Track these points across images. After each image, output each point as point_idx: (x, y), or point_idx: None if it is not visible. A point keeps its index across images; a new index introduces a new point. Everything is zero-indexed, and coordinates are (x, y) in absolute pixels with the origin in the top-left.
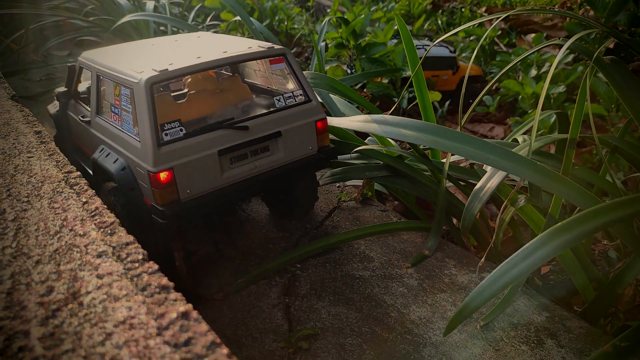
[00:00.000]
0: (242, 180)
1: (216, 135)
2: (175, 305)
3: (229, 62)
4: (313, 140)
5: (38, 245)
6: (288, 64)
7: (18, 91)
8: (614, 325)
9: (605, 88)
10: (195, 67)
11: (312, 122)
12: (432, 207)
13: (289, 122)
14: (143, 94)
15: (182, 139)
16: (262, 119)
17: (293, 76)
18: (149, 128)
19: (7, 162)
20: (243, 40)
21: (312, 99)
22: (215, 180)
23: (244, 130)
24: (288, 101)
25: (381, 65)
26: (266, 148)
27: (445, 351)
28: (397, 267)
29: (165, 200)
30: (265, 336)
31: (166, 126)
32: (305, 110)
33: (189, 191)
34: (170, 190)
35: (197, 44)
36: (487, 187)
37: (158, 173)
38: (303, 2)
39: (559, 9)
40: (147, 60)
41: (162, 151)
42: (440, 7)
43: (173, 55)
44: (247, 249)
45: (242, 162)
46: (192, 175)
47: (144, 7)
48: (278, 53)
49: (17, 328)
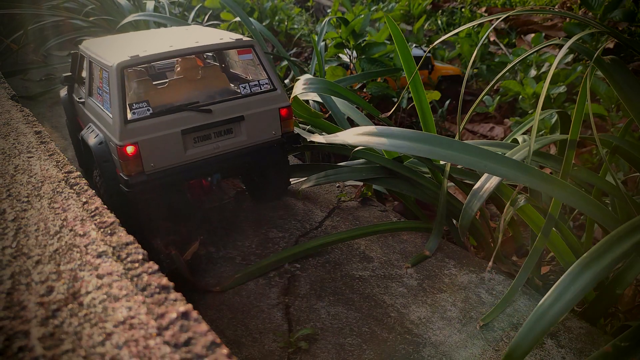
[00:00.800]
0: (204, 158)
1: (181, 116)
2: (175, 305)
3: (197, 51)
4: (277, 125)
5: (38, 245)
6: (256, 55)
7: (18, 91)
8: (614, 325)
9: (606, 88)
10: (164, 55)
11: (275, 108)
12: (432, 207)
13: (253, 108)
14: (115, 76)
15: (148, 118)
16: (226, 103)
17: (260, 66)
18: (118, 106)
19: (7, 162)
20: (221, 33)
21: (277, 87)
22: (178, 157)
23: (207, 113)
24: (253, 89)
25: (381, 65)
26: (229, 130)
27: (445, 351)
28: (397, 267)
29: (130, 171)
30: (265, 336)
31: (134, 105)
32: (269, 98)
33: (153, 164)
34: (136, 162)
35: (179, 34)
36: (486, 187)
37: (124, 146)
38: (303, 2)
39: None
40: (128, 48)
41: (128, 127)
42: (440, 8)
43: (151, 44)
44: (247, 248)
45: (205, 142)
46: (156, 151)
47: (144, 7)
48: (246, 44)
49: (17, 328)
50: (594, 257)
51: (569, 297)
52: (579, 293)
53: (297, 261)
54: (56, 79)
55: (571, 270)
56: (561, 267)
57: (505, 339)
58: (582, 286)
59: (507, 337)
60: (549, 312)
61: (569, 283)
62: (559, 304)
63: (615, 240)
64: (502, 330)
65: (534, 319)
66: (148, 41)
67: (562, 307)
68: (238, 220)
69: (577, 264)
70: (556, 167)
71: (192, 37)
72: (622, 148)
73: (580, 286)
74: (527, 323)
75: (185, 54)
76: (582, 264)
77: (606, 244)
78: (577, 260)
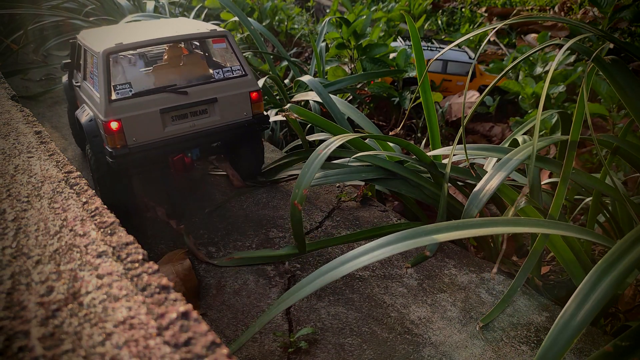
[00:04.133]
0: (181, 134)
1: (159, 97)
2: (175, 305)
3: (174, 39)
4: (247, 107)
5: (38, 245)
6: (229, 44)
7: (18, 91)
8: (614, 325)
9: (607, 88)
10: (145, 43)
11: (246, 92)
12: (432, 208)
13: (225, 91)
14: (101, 61)
15: (130, 98)
16: (201, 87)
17: (233, 54)
18: (104, 87)
19: (7, 162)
20: (201, 24)
21: (248, 73)
22: (157, 133)
23: (183, 95)
24: (226, 74)
25: (383, 65)
26: (204, 111)
27: (445, 351)
28: (397, 267)
29: (114, 144)
30: (265, 336)
31: (118, 87)
32: (241, 82)
33: (135, 139)
34: (119, 136)
35: (164, 25)
36: (487, 189)
37: (109, 122)
38: (303, 2)
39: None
40: (116, 37)
41: (112, 105)
42: (441, 8)
43: (138, 33)
44: (248, 248)
45: (182, 121)
46: (137, 127)
47: (144, 7)
48: (219, 34)
49: (17, 328)
50: (609, 262)
51: (590, 305)
52: (600, 300)
53: (297, 261)
54: (56, 79)
55: (589, 277)
56: (561, 267)
57: (505, 339)
58: (603, 293)
59: (507, 337)
60: (570, 322)
61: (588, 291)
62: (581, 312)
63: (630, 244)
64: (502, 330)
65: (557, 331)
66: (136, 31)
67: (584, 317)
68: (238, 220)
69: (593, 271)
70: (556, 170)
71: (174, 27)
72: (623, 148)
73: (601, 293)
74: (550, 335)
75: (164, 42)
76: (598, 270)
77: (621, 249)
78: (594, 267)
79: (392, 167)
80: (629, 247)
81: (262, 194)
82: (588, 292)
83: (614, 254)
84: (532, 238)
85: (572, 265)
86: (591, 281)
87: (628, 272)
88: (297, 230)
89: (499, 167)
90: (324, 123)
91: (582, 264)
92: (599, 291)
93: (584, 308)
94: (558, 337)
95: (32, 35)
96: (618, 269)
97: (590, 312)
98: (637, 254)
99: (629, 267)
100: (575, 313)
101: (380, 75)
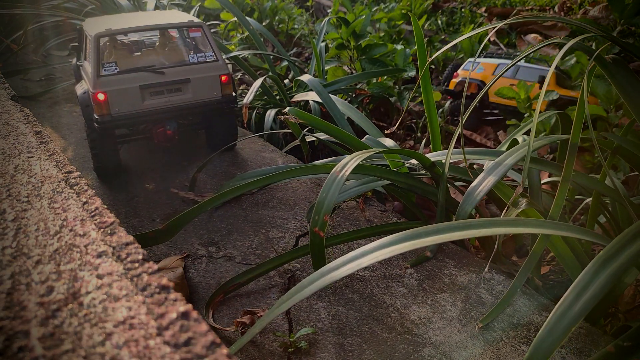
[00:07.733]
0: (158, 108)
1: (140, 75)
2: (175, 305)
3: (155, 27)
4: (217, 88)
5: (38, 245)
6: (204, 33)
7: (18, 91)
8: (614, 325)
9: (604, 88)
10: (129, 29)
11: (217, 75)
12: (432, 207)
13: (198, 73)
14: (92, 43)
15: (115, 75)
16: (176, 68)
17: (208, 43)
18: (94, 65)
19: (7, 162)
20: (182, 15)
21: (219, 59)
22: (137, 105)
23: (160, 74)
24: (200, 58)
25: (382, 65)
26: (179, 89)
27: (445, 351)
28: (397, 267)
29: (101, 113)
30: (265, 336)
31: (106, 65)
32: (212, 66)
33: (117, 109)
34: (105, 106)
35: (153, 16)
36: (482, 186)
37: (96, 93)
38: (302, 2)
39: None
40: (109, 24)
41: (100, 80)
42: (440, 8)
43: (129, 22)
44: (248, 248)
45: (159, 96)
46: (120, 99)
47: (144, 7)
48: (196, 25)
49: (17, 328)
50: (609, 254)
51: (588, 295)
52: (598, 291)
53: (297, 261)
54: (56, 79)
55: (588, 269)
56: (561, 267)
57: (505, 339)
58: (601, 284)
59: (507, 337)
60: (568, 312)
61: (587, 282)
62: (579, 303)
63: (630, 238)
64: (502, 330)
65: (555, 319)
66: (128, 20)
67: (582, 307)
68: (238, 220)
69: (593, 262)
70: (554, 172)
71: (160, 17)
72: (623, 148)
73: (600, 285)
74: (547, 323)
75: (147, 29)
76: (597, 262)
77: (620, 243)
78: (594, 258)
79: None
80: (629, 240)
81: (262, 194)
82: (587, 283)
83: (614, 247)
84: (532, 238)
85: (572, 265)
86: (591, 271)
87: (629, 264)
88: (319, 261)
89: (494, 167)
90: (324, 125)
91: (583, 264)
92: (599, 282)
93: (582, 297)
94: (555, 326)
95: (32, 36)
96: (619, 261)
97: (589, 302)
98: (637, 247)
99: (630, 259)
100: (574, 302)
101: (380, 74)
